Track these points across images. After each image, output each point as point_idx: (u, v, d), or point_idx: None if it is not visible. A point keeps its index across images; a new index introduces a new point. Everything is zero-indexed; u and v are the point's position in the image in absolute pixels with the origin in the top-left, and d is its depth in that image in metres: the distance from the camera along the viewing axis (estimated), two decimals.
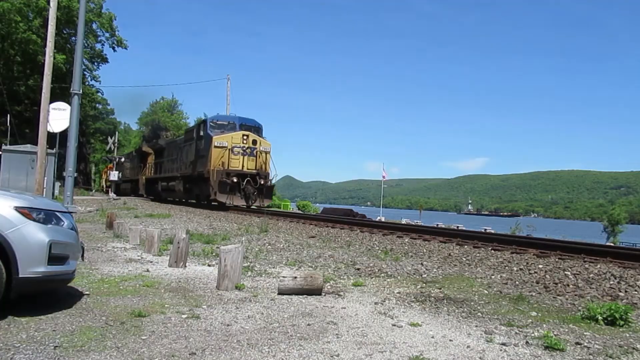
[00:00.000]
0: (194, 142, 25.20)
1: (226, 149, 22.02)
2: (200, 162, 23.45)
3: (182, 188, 27.01)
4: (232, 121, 23.39)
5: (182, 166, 27.11)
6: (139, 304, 4.44)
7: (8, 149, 20.70)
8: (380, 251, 8.32)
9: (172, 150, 30.68)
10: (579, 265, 6.80)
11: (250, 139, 22.50)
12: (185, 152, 26.83)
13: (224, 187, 21.22)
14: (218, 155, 21.90)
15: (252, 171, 22.20)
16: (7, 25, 35.09)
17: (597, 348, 3.51)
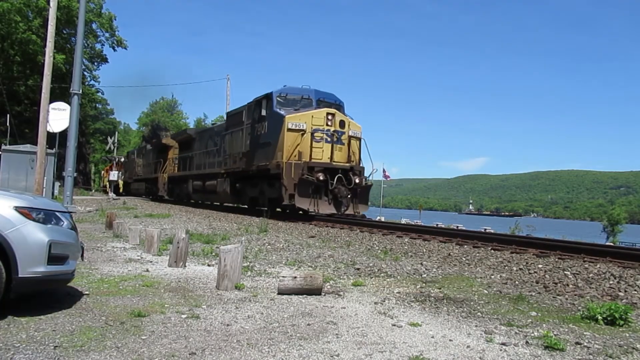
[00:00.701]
0: (246, 126, 18.68)
1: (304, 133, 15.29)
2: (262, 152, 16.94)
3: (228, 189, 19.95)
4: (307, 95, 16.54)
5: (227, 160, 20.40)
6: (138, 303, 4.44)
7: (8, 149, 20.70)
8: (380, 251, 8.32)
9: (206, 140, 24.08)
10: (578, 265, 6.80)
11: (337, 119, 15.73)
12: (231, 142, 20.13)
13: (305, 187, 14.62)
14: (293, 142, 15.32)
15: (344, 165, 15.60)
16: (7, 25, 35.09)
17: (597, 348, 3.51)
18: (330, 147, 15.54)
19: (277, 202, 16.61)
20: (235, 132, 19.83)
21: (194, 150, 25.83)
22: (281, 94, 16.62)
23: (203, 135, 25.13)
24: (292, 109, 16.06)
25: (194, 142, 26.17)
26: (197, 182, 24.31)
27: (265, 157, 16.60)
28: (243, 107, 19.33)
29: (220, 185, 20.84)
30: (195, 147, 25.61)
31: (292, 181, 14.75)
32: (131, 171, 42.37)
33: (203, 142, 24.54)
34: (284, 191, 14.94)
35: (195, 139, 26.08)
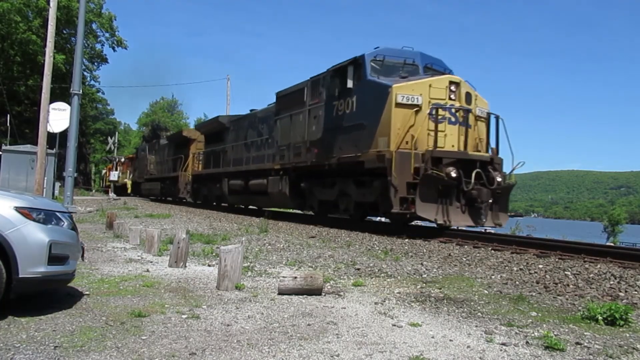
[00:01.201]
0: (310, 108, 14.06)
1: (419, 110, 10.78)
2: (346, 139, 12.19)
3: (286, 189, 15.11)
4: (412, 59, 12.06)
5: (283, 152, 15.60)
6: (139, 304, 4.44)
7: (8, 149, 20.72)
8: (380, 251, 8.32)
9: (245, 129, 19.44)
10: (579, 266, 6.80)
11: (462, 91, 11.28)
12: (287, 129, 15.38)
13: (430, 188, 10.27)
14: (404, 123, 10.77)
15: (483, 156, 11.23)
16: (7, 26, 35.12)
17: (597, 348, 3.51)
18: (457, 130, 10.92)
19: (371, 209, 12.66)
20: (295, 115, 15.00)
21: (226, 142, 21.07)
22: (377, 57, 11.97)
23: (240, 124, 20.15)
24: (397, 78, 11.49)
25: (226, 132, 21.26)
26: (235, 181, 19.33)
27: (352, 146, 11.81)
28: (303, 83, 14.78)
29: (273, 185, 15.87)
30: (229, 139, 20.81)
31: (404, 178, 10.24)
32: (142, 170, 37.05)
33: (240, 132, 19.83)
34: (393, 193, 10.23)
35: (228, 128, 21.10)
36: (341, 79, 12.55)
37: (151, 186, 34.15)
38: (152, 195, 34.60)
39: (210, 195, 23.56)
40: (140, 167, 38.16)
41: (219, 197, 22.74)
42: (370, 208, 12.76)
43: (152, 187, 33.92)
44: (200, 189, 24.85)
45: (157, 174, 32.94)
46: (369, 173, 11.57)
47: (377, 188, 11.37)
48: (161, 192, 31.83)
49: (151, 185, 34.20)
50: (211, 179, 22.70)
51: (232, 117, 21.80)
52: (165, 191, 30.78)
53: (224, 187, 20.51)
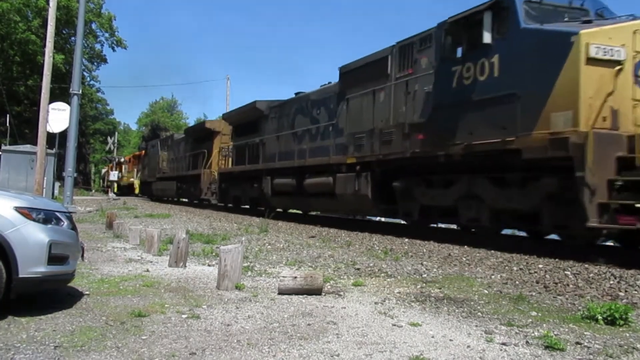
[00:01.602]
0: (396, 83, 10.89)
1: (620, 69, 7.31)
2: (481, 117, 8.75)
3: (368, 190, 11.49)
4: (580, 1, 8.90)
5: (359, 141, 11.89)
6: (139, 304, 4.44)
7: (8, 149, 20.74)
8: (380, 251, 8.32)
9: (291, 116, 15.76)
10: (579, 265, 6.80)
11: None
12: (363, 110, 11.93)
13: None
14: (600, 89, 7.27)
15: None
16: (7, 26, 35.13)
17: (597, 348, 3.51)
18: None
19: (519, 219, 9.05)
20: (373, 93, 11.46)
21: (265, 132, 17.30)
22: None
23: (284, 110, 16.27)
24: (570, 23, 8.25)
25: (264, 120, 17.50)
26: (282, 179, 15.50)
27: (493, 127, 8.38)
28: (384, 51, 11.38)
29: (344, 184, 12.17)
30: (269, 128, 17.04)
31: (605, 174, 6.95)
32: (153, 168, 32.94)
33: (284, 120, 16.05)
34: (589, 198, 6.90)
35: (267, 116, 17.23)
36: (468, 33, 9.06)
37: (165, 186, 29.90)
38: (166, 197, 30.88)
39: (244, 197, 19.50)
40: (150, 165, 34.00)
41: (255, 199, 18.37)
42: (518, 218, 9.02)
43: (165, 187, 29.77)
44: (229, 189, 20.82)
45: (172, 173, 28.75)
46: (524, 167, 8.26)
47: (540, 189, 7.99)
48: (177, 192, 27.84)
49: (164, 184, 29.92)
50: (245, 177, 18.72)
51: (272, 102, 17.42)
52: (184, 192, 26.87)
53: (266, 187, 16.46)
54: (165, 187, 29.95)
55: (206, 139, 24.09)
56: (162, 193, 30.88)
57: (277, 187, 15.99)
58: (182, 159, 27.20)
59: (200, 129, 25.62)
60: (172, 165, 29.42)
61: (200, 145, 24.57)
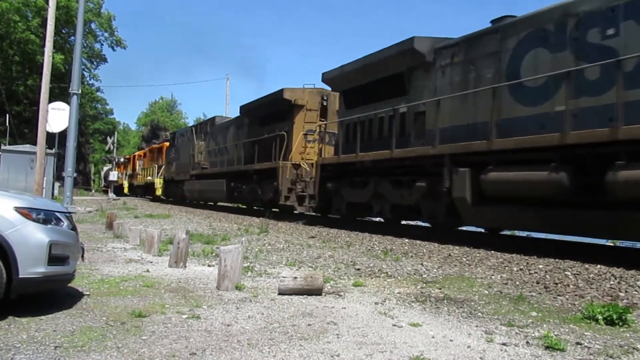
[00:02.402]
0: None
1: None
2: None
3: None
4: None
5: None
6: (139, 304, 4.44)
7: (7, 149, 20.73)
8: (380, 251, 8.32)
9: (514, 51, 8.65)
10: (579, 266, 6.80)
11: None
12: None
13: None
14: None
15: None
16: (6, 25, 35.15)
17: (598, 348, 3.51)
18: None
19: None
20: None
21: (428, 91, 10.54)
22: None
23: (480, 45, 9.47)
24: None
25: (422, 72, 10.78)
26: (518, 173, 8.07)
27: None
28: None
29: None
30: (438, 84, 10.30)
31: None
32: (184, 163, 25.98)
33: (490, 63, 9.17)
34: None
35: (431, 63, 10.52)
36: None
37: (206, 186, 22.23)
38: (209, 200, 24.70)
39: (379, 205, 11.89)
40: (180, 160, 26.70)
41: (412, 210, 11.07)
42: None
43: (206, 188, 22.26)
44: (338, 191, 13.36)
45: (218, 168, 21.45)
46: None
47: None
48: (230, 195, 20.12)
49: (206, 184, 22.31)
50: (376, 171, 11.79)
51: (441, 41, 10.59)
52: (242, 194, 19.24)
53: (458, 188, 9.18)
54: (206, 187, 22.21)
55: (282, 117, 16.56)
56: (201, 195, 23.72)
57: (499, 187, 8.44)
58: (235, 148, 19.91)
59: (271, 103, 17.12)
60: (215, 158, 22.26)
61: (270, 126, 17.09)
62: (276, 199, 16.02)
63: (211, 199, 23.92)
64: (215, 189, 21.39)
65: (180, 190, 26.28)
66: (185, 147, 26.30)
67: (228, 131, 21.71)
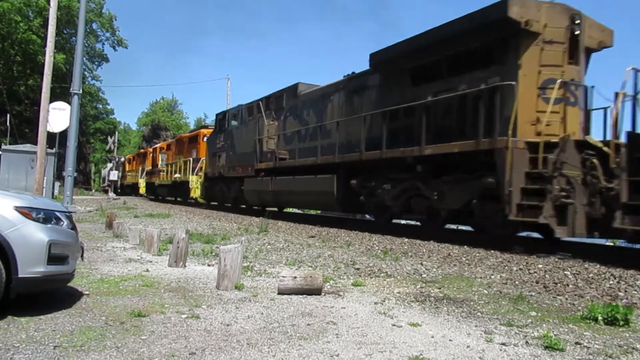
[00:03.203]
0: None
1: None
2: None
3: None
4: None
5: None
6: (138, 303, 4.44)
7: (8, 149, 20.74)
8: (379, 251, 8.32)
9: None
10: (578, 265, 6.80)
11: None
12: None
13: None
14: None
15: None
16: (7, 25, 35.20)
17: (597, 348, 3.51)
18: None
19: None
20: None
21: None
22: None
23: None
24: None
25: None
26: None
27: None
28: None
29: None
30: None
31: None
32: (236, 154, 18.90)
33: None
34: None
35: None
36: None
37: (287, 186, 14.94)
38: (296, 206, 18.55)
39: None
40: (234, 150, 19.12)
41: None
42: None
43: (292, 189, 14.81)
44: None
45: (319, 157, 13.49)
46: None
47: None
48: (346, 199, 12.81)
49: (286, 184, 14.99)
50: None
51: None
52: (389, 198, 11.38)
53: None
54: (291, 187, 14.72)
55: (485, 59, 9.29)
56: (279, 199, 16.00)
57: None
58: (349, 125, 12.64)
59: (463, 35, 9.36)
60: (301, 144, 14.67)
61: (446, 80, 9.99)
62: (496, 213, 8.74)
63: (302, 204, 15.98)
64: (312, 189, 13.40)
65: (233, 191, 19.18)
66: (244, 131, 18.45)
67: (327, 102, 13.83)
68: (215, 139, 21.62)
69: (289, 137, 15.62)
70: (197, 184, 23.86)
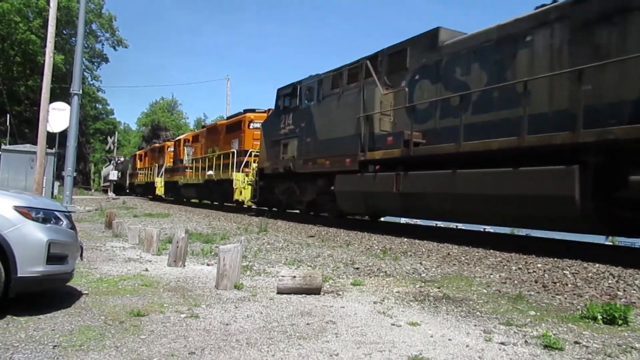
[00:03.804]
0: None
1: None
2: None
3: None
4: None
5: None
6: (137, 303, 4.44)
7: (7, 149, 20.75)
8: (379, 250, 8.32)
9: None
10: (577, 265, 6.80)
11: None
12: None
13: None
14: None
15: None
16: (7, 26, 35.21)
17: (596, 347, 3.51)
18: None
19: None
20: None
21: None
22: None
23: None
24: None
25: None
26: None
27: None
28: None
29: None
30: None
31: None
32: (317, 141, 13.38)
33: None
34: None
35: None
36: None
37: (425, 186, 9.71)
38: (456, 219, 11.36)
39: None
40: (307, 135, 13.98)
41: None
42: None
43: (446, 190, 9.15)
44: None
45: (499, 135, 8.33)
46: None
47: None
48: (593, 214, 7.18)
49: (422, 183, 9.78)
50: None
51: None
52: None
53: None
54: (452, 188, 9.07)
55: None
56: (418, 204, 10.42)
57: None
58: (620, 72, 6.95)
59: None
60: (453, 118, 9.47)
61: None
62: None
63: (476, 216, 9.58)
64: (507, 193, 8.24)
65: (309, 192, 14.28)
66: (333, 107, 13.05)
67: (516, 49, 8.75)
68: (275, 122, 15.75)
69: (426, 111, 10.47)
70: (243, 183, 18.55)
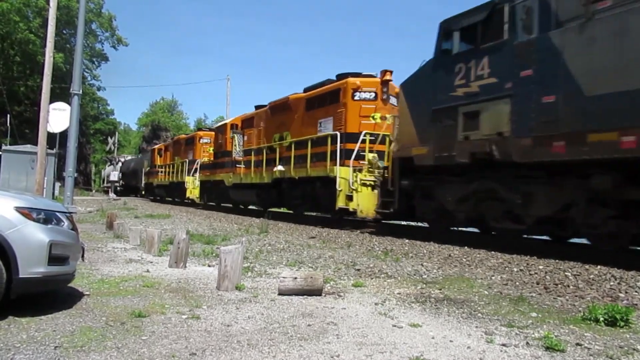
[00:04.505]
0: None
1: None
2: None
3: None
4: None
5: None
6: (139, 304, 4.44)
7: (8, 149, 20.75)
8: (380, 252, 8.32)
9: None
10: (579, 266, 6.80)
11: None
12: None
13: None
14: None
15: None
16: (7, 26, 35.20)
17: (598, 349, 3.50)
18: None
19: None
20: None
21: None
22: None
23: None
24: None
25: None
26: None
27: None
28: None
29: None
30: None
31: None
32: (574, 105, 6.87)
33: None
34: None
35: None
36: None
37: None
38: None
39: None
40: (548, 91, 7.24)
41: None
42: None
43: None
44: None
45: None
46: None
47: None
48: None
49: None
50: None
51: None
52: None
53: None
54: None
55: None
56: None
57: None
58: None
59: None
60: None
61: None
62: None
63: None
64: None
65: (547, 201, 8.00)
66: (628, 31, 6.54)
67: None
68: (438, 79, 9.53)
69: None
70: (356, 180, 12.21)
